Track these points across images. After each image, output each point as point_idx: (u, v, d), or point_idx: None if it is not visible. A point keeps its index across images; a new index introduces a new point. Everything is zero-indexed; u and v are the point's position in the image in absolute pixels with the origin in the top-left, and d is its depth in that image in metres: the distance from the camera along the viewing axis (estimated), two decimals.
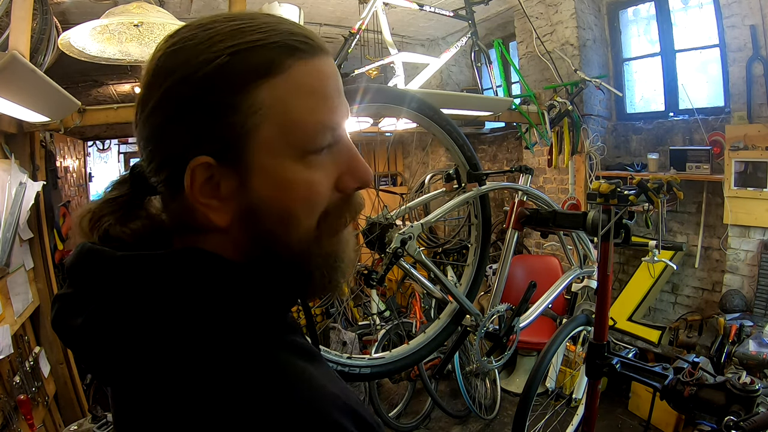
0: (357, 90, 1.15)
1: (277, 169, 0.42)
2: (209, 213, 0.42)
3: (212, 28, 0.41)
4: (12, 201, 1.67)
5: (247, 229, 0.44)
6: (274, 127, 0.41)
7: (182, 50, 0.41)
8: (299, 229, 0.44)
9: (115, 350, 0.39)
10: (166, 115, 0.41)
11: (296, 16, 2.48)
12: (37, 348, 1.88)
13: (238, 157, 0.41)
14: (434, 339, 1.40)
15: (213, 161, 0.41)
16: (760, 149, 2.69)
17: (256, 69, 0.40)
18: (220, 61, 0.39)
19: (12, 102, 1.38)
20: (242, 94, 0.40)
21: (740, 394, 1.13)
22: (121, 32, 1.82)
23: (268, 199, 0.42)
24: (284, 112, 0.41)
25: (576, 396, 2.03)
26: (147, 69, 0.43)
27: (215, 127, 0.40)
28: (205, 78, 0.39)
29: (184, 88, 0.40)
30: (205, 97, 0.40)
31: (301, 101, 0.41)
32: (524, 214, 1.50)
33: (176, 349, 0.39)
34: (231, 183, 0.42)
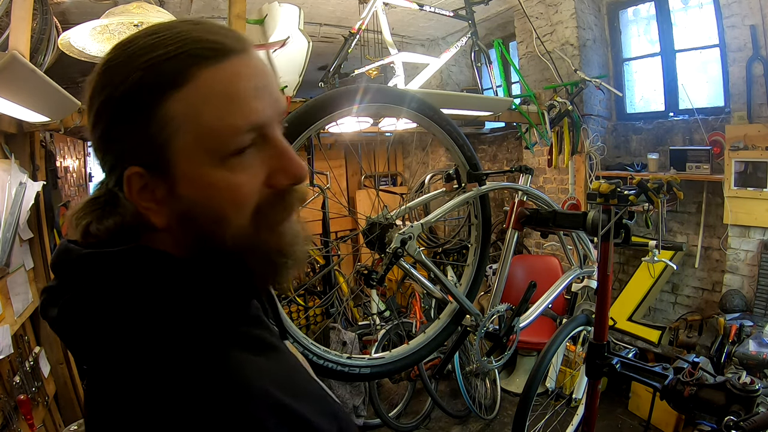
0: (357, 90, 1.15)
1: (199, 175, 0.44)
2: (150, 215, 0.46)
3: (134, 44, 0.44)
4: (12, 201, 1.67)
5: (185, 230, 0.46)
6: (189, 135, 0.43)
7: (108, 70, 0.44)
8: (230, 229, 0.46)
9: (79, 337, 0.45)
10: (102, 130, 0.45)
11: (296, 16, 2.48)
12: (37, 348, 1.88)
13: (162, 166, 0.44)
14: (434, 339, 1.40)
15: (143, 171, 0.44)
16: (760, 149, 2.69)
17: (165, 82, 0.42)
18: (134, 78, 0.42)
19: (12, 102, 1.38)
20: (155, 107, 0.42)
21: (740, 394, 1.13)
22: (121, 32, 1.82)
23: (196, 203, 0.45)
24: (195, 121, 0.42)
25: (576, 396, 2.03)
26: (86, 88, 0.46)
27: (138, 140, 0.43)
28: (123, 96, 0.42)
29: (110, 105, 0.43)
30: (127, 112, 0.43)
31: (210, 108, 0.43)
32: (524, 214, 1.50)
33: (120, 339, 0.43)
34: (161, 190, 0.45)
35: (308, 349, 1.13)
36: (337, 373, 1.19)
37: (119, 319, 0.43)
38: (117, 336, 0.43)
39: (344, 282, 3.88)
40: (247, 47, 0.46)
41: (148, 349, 0.42)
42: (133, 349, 0.42)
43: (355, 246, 4.43)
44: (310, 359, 1.14)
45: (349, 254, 4.71)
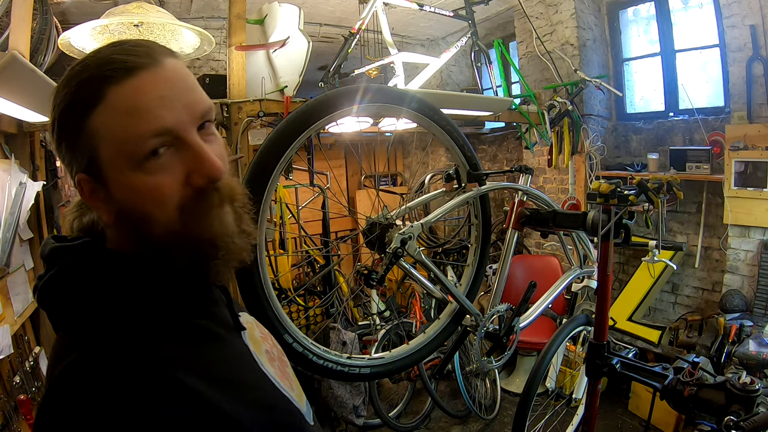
0: (357, 90, 1.15)
1: (123, 180, 0.51)
2: (100, 213, 0.54)
3: (72, 68, 0.51)
4: (12, 201, 1.67)
5: (123, 226, 0.54)
6: (109, 146, 0.50)
7: (54, 94, 0.52)
8: (158, 225, 0.52)
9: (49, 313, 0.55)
10: (56, 145, 0.53)
11: (296, 16, 2.48)
12: (37, 348, 1.88)
13: (96, 173, 0.51)
14: (434, 339, 1.40)
15: (87, 177, 0.52)
16: (760, 149, 2.69)
17: (87, 101, 0.49)
18: (67, 99, 0.50)
19: (12, 102, 1.38)
20: (82, 123, 0.49)
21: (740, 394, 1.13)
22: (121, 32, 1.82)
23: (125, 204, 0.52)
24: (110, 133, 0.49)
25: (576, 396, 2.02)
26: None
27: (76, 152, 0.51)
28: (60, 115, 0.51)
29: (55, 124, 0.52)
30: (64, 129, 0.51)
31: (118, 121, 0.49)
32: (524, 214, 1.50)
33: (68, 319, 0.52)
34: (101, 192, 0.52)
35: (308, 349, 1.13)
36: (337, 373, 1.19)
37: (68, 302, 0.52)
38: (67, 316, 0.53)
39: (344, 282, 3.88)
40: (157, 61, 0.51)
41: (84, 330, 0.50)
42: (76, 329, 0.51)
43: (355, 246, 4.43)
44: (310, 359, 1.14)
45: (349, 254, 4.71)
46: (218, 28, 3.53)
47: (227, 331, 0.60)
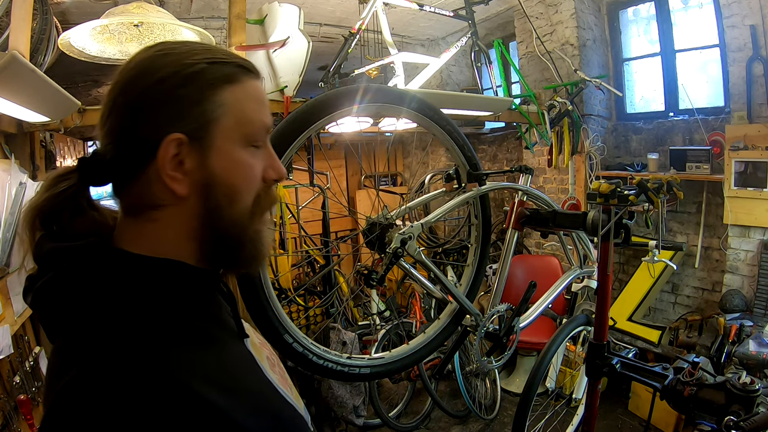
0: (357, 90, 1.15)
1: (230, 151, 0.55)
2: (173, 184, 0.52)
3: (189, 45, 0.56)
4: (12, 201, 1.67)
5: (201, 200, 0.54)
6: (232, 119, 0.54)
7: (170, 55, 0.53)
8: (240, 204, 0.56)
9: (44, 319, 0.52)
10: (150, 101, 0.52)
11: (296, 16, 2.48)
12: (37, 348, 1.88)
13: (203, 138, 0.53)
14: (434, 339, 1.40)
15: (185, 138, 0.52)
16: (760, 149, 2.69)
17: (223, 77, 0.54)
18: (200, 66, 0.53)
19: (12, 102, 1.38)
20: (213, 91, 0.53)
21: (740, 394, 1.13)
22: (121, 32, 1.82)
23: (220, 175, 0.54)
24: (240, 110, 0.55)
25: (576, 396, 2.02)
26: (129, 67, 0.54)
27: (191, 112, 0.52)
28: (189, 75, 0.52)
29: (172, 80, 0.52)
30: (188, 88, 0.52)
31: (251, 104, 0.56)
32: (524, 214, 1.50)
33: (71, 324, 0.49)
34: (193, 160, 0.53)
35: (308, 349, 1.13)
36: (337, 373, 1.19)
37: (72, 307, 0.50)
38: (68, 323, 0.50)
39: (344, 282, 3.88)
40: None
41: (88, 340, 0.47)
42: (78, 338, 0.48)
43: (355, 246, 4.43)
44: (309, 359, 1.14)
45: (349, 254, 4.71)
46: (218, 28, 3.53)
47: (231, 337, 0.59)
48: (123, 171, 0.54)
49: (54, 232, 0.55)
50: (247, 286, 1.03)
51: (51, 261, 0.52)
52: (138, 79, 0.52)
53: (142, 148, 0.52)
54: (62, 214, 0.55)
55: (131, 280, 0.51)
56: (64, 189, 0.55)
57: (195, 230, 0.55)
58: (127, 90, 0.52)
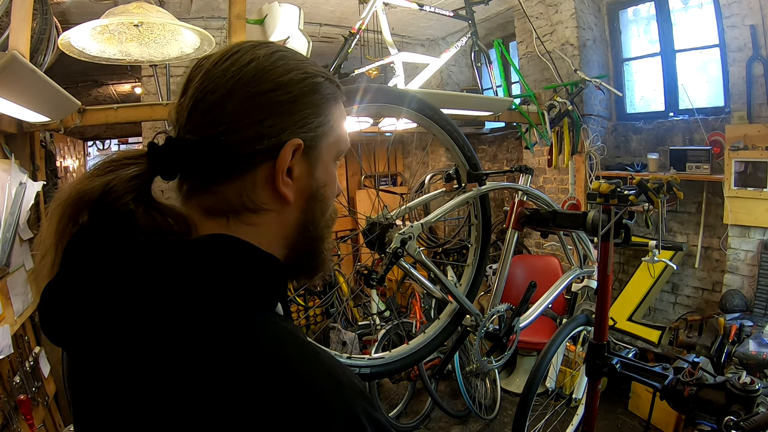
0: (357, 90, 1.15)
1: (328, 165, 0.57)
2: (285, 189, 0.52)
3: (299, 54, 0.57)
4: (12, 201, 1.67)
5: (302, 209, 0.55)
6: (334, 135, 0.57)
7: (290, 60, 0.53)
8: (326, 215, 0.59)
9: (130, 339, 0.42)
10: (279, 102, 0.51)
11: (296, 16, 2.48)
12: (37, 348, 1.88)
13: (315, 148, 0.55)
14: (434, 339, 1.40)
15: (302, 145, 0.52)
16: (760, 149, 2.69)
17: (333, 94, 0.57)
18: (320, 80, 0.55)
19: (12, 102, 1.38)
20: (328, 106, 0.56)
21: (740, 394, 1.13)
22: (121, 32, 1.82)
23: (321, 187, 0.56)
24: (339, 128, 0.58)
25: (576, 396, 2.03)
26: (244, 62, 0.51)
27: (312, 122, 0.54)
28: (313, 86, 0.54)
29: (300, 86, 0.53)
30: (312, 98, 0.54)
31: (344, 124, 0.60)
32: (524, 214, 1.50)
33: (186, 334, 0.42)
34: (302, 168, 0.54)
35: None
36: None
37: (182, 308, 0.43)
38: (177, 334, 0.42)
39: (344, 282, 3.88)
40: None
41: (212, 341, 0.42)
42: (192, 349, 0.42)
43: (355, 246, 4.43)
44: None
45: (349, 254, 4.71)
46: (218, 28, 3.53)
47: None
48: (220, 169, 0.50)
49: (105, 224, 0.47)
50: None
51: (164, 256, 0.44)
52: (263, 76, 0.50)
53: (259, 149, 0.50)
54: (124, 202, 0.47)
55: (271, 280, 0.50)
56: (135, 175, 0.48)
57: (290, 238, 0.55)
58: (250, 83, 0.50)
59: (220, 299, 0.44)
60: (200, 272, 0.44)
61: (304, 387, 0.42)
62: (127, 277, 0.43)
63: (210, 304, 0.43)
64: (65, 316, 0.43)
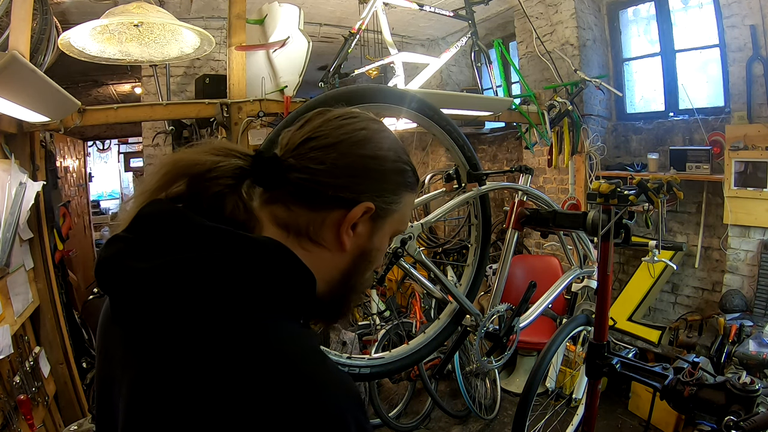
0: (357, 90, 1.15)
1: (384, 238, 0.66)
2: (345, 238, 0.60)
3: (397, 141, 0.65)
4: (12, 201, 1.67)
5: (352, 262, 0.63)
6: (399, 217, 0.65)
7: (393, 141, 0.64)
8: (367, 279, 0.67)
9: (165, 301, 0.47)
10: (369, 167, 0.60)
11: (296, 16, 2.48)
12: (37, 348, 1.88)
13: (381, 218, 0.63)
14: (434, 339, 1.40)
15: (374, 211, 0.60)
16: (760, 149, 2.69)
17: (411, 183, 0.66)
18: (406, 167, 0.65)
19: (12, 102, 1.38)
20: (404, 190, 0.65)
21: (740, 394, 1.13)
22: (121, 32, 1.82)
23: (373, 251, 0.64)
24: (404, 213, 0.66)
25: (576, 396, 2.03)
26: (359, 127, 0.61)
27: (388, 196, 0.62)
28: (400, 169, 0.64)
29: (390, 164, 0.62)
30: (395, 178, 0.63)
31: (409, 211, 0.68)
32: (524, 214, 1.50)
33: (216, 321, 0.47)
34: (365, 229, 0.62)
35: None
36: None
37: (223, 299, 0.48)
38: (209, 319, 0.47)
39: None
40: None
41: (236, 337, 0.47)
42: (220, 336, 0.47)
43: None
44: None
45: None
46: (218, 28, 3.53)
47: None
48: (306, 198, 0.59)
49: (198, 197, 0.55)
50: None
51: (213, 242, 0.51)
52: (366, 143, 0.60)
53: (340, 198, 0.58)
54: (222, 185, 0.56)
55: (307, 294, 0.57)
56: (240, 166, 0.57)
57: (332, 280, 0.62)
58: (355, 145, 0.60)
59: (251, 295, 0.50)
60: (243, 266, 0.50)
61: (302, 382, 0.46)
62: (179, 254, 0.49)
63: (240, 297, 0.49)
64: (117, 268, 0.49)
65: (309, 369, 0.48)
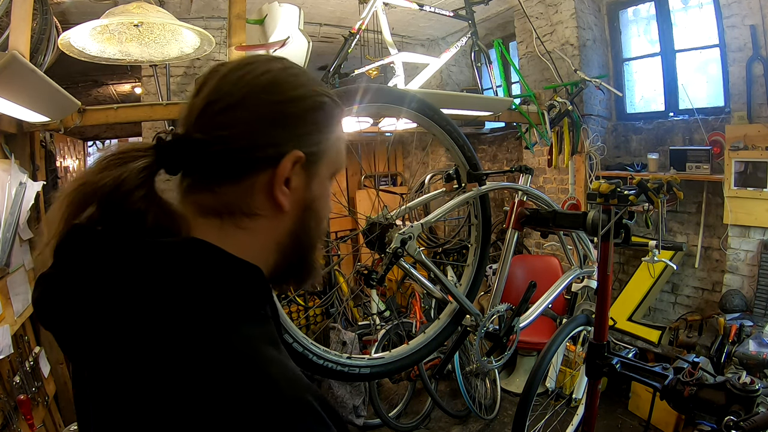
0: (357, 90, 1.15)
1: (325, 181, 0.60)
2: (282, 198, 0.54)
3: (310, 73, 0.60)
4: (12, 201, 1.67)
5: (296, 220, 0.57)
6: (334, 153, 0.60)
7: (301, 76, 0.57)
8: (319, 231, 0.61)
9: (103, 328, 0.44)
10: (285, 113, 0.54)
11: (296, 16, 2.48)
12: (37, 348, 1.88)
13: (315, 163, 0.57)
14: (434, 339, 1.40)
15: (303, 158, 0.54)
16: (760, 149, 2.69)
17: (338, 114, 0.60)
18: (327, 99, 0.58)
19: (12, 102, 1.38)
20: (332, 124, 0.59)
21: (740, 394, 1.13)
22: (121, 32, 1.82)
23: (316, 201, 0.59)
24: (339, 148, 0.61)
25: (576, 396, 2.03)
26: (259, 72, 0.54)
27: (315, 138, 0.57)
28: (321, 104, 0.57)
29: (307, 102, 0.56)
30: (318, 115, 0.57)
31: (343, 145, 0.62)
32: (524, 214, 1.50)
33: (158, 331, 0.44)
34: (300, 180, 0.56)
35: (308, 349, 1.13)
36: (337, 373, 1.19)
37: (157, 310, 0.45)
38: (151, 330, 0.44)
39: (344, 282, 3.88)
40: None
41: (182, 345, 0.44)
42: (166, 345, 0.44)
43: (355, 246, 4.43)
44: (310, 359, 1.14)
45: (349, 254, 4.71)
46: (218, 28, 3.53)
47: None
48: (225, 171, 0.52)
49: (108, 219, 0.49)
50: None
51: (138, 256, 0.47)
52: (274, 87, 0.54)
53: (263, 156, 0.52)
54: (135, 198, 0.49)
55: (240, 287, 0.50)
56: (144, 166, 0.50)
57: (282, 245, 0.57)
58: (262, 93, 0.53)
59: (183, 307, 0.45)
60: (167, 278, 0.46)
61: (254, 378, 0.43)
62: (104, 278, 0.46)
63: (172, 310, 0.45)
64: (52, 306, 0.48)
65: (259, 369, 0.44)
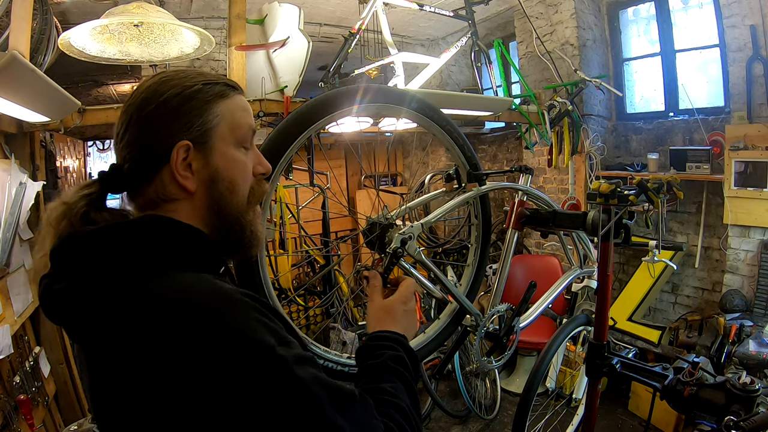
0: (357, 90, 1.15)
1: (227, 151, 0.68)
2: (185, 182, 0.64)
3: (186, 72, 0.68)
4: (12, 201, 1.67)
5: (207, 194, 0.66)
6: (226, 125, 0.68)
7: (172, 80, 0.66)
8: (239, 195, 0.69)
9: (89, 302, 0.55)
10: (160, 117, 0.64)
11: (296, 16, 2.48)
12: (37, 348, 1.88)
13: (206, 142, 0.66)
14: (434, 339, 1.40)
15: (191, 144, 0.64)
16: (760, 149, 2.69)
17: (217, 93, 0.68)
18: (198, 87, 0.66)
19: (12, 102, 1.38)
20: (210, 105, 0.66)
21: (740, 394, 1.13)
22: (121, 32, 1.82)
23: (221, 171, 0.67)
24: (231, 118, 0.68)
25: (576, 396, 2.02)
26: (139, 92, 0.65)
27: (195, 124, 0.65)
28: (190, 94, 0.65)
29: (176, 99, 0.64)
30: (190, 105, 0.65)
31: (239, 113, 0.70)
32: (524, 214, 1.50)
33: (130, 288, 0.55)
34: (199, 161, 0.65)
35: (308, 349, 1.13)
36: (337, 373, 1.19)
37: (127, 273, 0.56)
38: (125, 290, 0.55)
39: (344, 282, 3.88)
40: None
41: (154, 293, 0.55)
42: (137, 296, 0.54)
43: (355, 246, 4.43)
44: None
45: (349, 254, 4.71)
46: (218, 28, 3.53)
47: None
48: (140, 177, 0.65)
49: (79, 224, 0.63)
50: (247, 286, 1.03)
51: (104, 235, 0.59)
52: (148, 101, 0.64)
53: (157, 156, 0.64)
54: (88, 211, 0.65)
55: (195, 242, 0.64)
56: (90, 194, 0.65)
57: (206, 218, 0.67)
58: (140, 110, 0.64)
59: (144, 260, 0.57)
60: (128, 240, 0.58)
61: (198, 309, 0.53)
62: (81, 257, 0.57)
63: (137, 264, 0.56)
64: (49, 300, 0.58)
65: (202, 299, 0.54)
